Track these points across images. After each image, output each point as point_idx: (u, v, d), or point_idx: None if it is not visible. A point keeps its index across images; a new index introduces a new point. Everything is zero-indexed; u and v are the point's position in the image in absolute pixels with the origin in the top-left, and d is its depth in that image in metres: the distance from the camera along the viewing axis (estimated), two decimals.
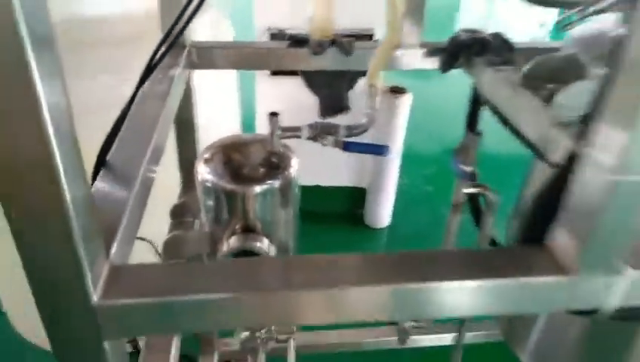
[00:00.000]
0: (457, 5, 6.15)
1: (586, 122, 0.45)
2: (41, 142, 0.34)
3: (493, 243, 0.93)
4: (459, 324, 1.17)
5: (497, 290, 0.48)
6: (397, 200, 2.20)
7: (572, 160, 0.47)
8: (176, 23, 0.76)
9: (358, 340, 1.30)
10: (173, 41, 0.77)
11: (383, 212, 2.21)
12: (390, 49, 0.84)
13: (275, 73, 1.84)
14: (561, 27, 0.74)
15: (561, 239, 0.48)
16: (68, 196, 0.36)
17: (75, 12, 1.24)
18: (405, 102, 1.88)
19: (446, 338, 1.33)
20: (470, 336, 1.38)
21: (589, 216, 0.44)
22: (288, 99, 1.60)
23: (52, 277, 0.40)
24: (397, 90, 1.90)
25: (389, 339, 1.30)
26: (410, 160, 2.29)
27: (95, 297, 0.41)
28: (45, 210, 0.37)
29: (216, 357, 1.44)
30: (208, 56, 1.01)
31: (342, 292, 0.47)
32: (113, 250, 0.45)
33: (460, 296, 0.48)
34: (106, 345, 0.44)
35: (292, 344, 1.11)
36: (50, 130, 0.34)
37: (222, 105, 1.49)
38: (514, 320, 1.11)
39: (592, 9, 0.72)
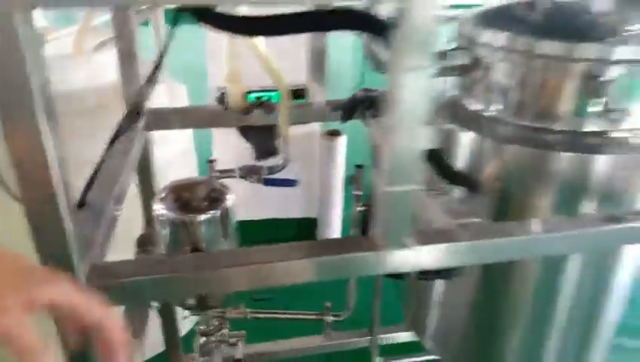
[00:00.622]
0: None
1: None
2: (50, 187, 0.61)
3: None
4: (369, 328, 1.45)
5: (342, 262, 0.76)
6: (345, 228, 2.49)
7: None
8: (136, 103, 1.04)
9: (295, 347, 1.57)
10: (134, 116, 1.06)
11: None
12: (286, 110, 1.13)
13: None
14: None
15: (375, 228, 0.77)
16: (68, 225, 0.64)
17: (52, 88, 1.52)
18: (341, 143, 2.20)
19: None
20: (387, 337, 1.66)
21: (383, 212, 0.74)
22: (239, 144, 1.90)
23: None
24: (334, 133, 2.24)
25: (321, 345, 1.58)
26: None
27: (84, 279, 0.68)
28: (54, 233, 0.63)
29: None
30: (162, 120, 1.30)
31: (269, 266, 0.74)
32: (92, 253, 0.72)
33: (325, 265, 0.76)
34: None
35: (241, 345, 1.35)
36: (55, 177, 0.61)
37: (178, 153, 1.77)
38: (417, 313, 1.39)
39: None
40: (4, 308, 0.47)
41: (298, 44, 1.29)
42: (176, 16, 0.78)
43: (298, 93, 1.46)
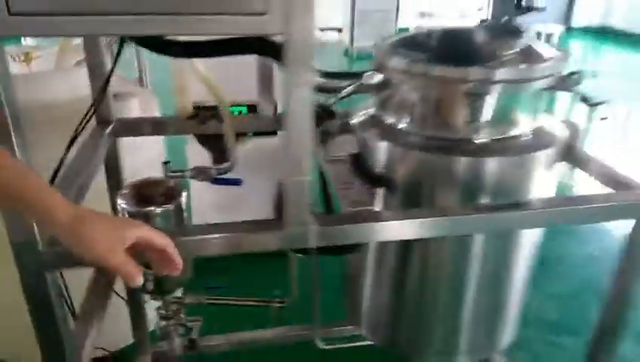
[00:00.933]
0: None
1: None
2: None
3: None
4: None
5: (260, 238, 0.95)
6: None
7: None
8: (95, 103, 1.23)
9: (245, 339, 1.74)
10: (92, 114, 1.24)
11: None
12: (229, 121, 1.31)
13: None
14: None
15: (284, 211, 0.95)
16: None
17: (34, 98, 1.69)
18: None
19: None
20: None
21: (287, 198, 0.92)
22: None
23: (24, 246, 0.84)
24: None
25: (269, 337, 1.75)
26: None
27: (40, 247, 0.85)
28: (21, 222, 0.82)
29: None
30: (130, 127, 1.49)
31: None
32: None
33: (248, 240, 0.96)
34: (47, 274, 0.88)
35: (197, 328, 1.52)
36: None
37: (148, 157, 1.94)
38: (353, 304, 1.55)
39: (343, 94, 1.23)
40: (113, 250, 0.71)
41: (250, 65, 1.49)
42: (122, 39, 0.97)
43: (251, 108, 1.65)
